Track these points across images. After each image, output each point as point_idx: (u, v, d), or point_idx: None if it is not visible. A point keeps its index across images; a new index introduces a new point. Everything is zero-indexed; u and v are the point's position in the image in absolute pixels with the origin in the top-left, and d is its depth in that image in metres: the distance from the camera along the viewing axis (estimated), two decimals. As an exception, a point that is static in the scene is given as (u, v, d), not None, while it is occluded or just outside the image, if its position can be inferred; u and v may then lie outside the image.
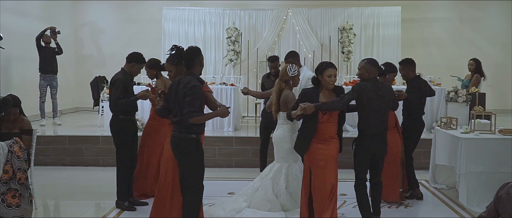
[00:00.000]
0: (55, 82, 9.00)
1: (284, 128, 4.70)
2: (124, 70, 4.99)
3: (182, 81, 3.80)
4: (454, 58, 11.30)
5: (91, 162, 7.25)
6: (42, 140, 7.09)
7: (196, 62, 3.84)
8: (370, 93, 4.09)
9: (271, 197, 4.64)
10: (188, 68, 3.85)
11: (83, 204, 5.36)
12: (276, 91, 4.62)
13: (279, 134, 4.73)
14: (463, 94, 7.69)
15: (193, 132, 3.79)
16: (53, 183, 6.27)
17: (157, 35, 11.28)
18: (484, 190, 5.10)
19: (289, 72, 4.56)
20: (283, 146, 4.70)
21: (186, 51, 3.88)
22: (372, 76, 4.19)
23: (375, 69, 4.22)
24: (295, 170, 4.73)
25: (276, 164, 4.81)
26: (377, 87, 4.16)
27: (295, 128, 4.63)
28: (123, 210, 4.99)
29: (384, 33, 11.26)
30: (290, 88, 4.62)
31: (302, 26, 11.06)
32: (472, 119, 5.59)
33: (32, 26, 9.61)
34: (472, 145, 5.15)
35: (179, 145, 3.82)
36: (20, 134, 4.58)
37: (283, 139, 4.68)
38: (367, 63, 4.22)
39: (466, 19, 11.90)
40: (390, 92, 4.32)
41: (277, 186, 4.69)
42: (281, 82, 4.60)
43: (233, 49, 10.60)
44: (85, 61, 12.14)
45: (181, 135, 3.79)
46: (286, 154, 4.72)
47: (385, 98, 4.19)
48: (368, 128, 4.14)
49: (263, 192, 4.71)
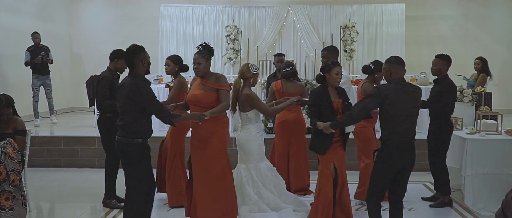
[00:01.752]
0: (48, 81, 9.02)
1: (248, 129, 4.61)
2: (110, 69, 5.11)
3: (126, 84, 3.78)
4: (459, 57, 11.21)
5: (87, 163, 7.25)
6: (36, 141, 7.09)
7: (138, 62, 3.79)
8: (393, 96, 3.72)
9: (254, 198, 4.54)
10: (131, 69, 3.81)
11: (78, 206, 5.37)
12: (234, 90, 4.57)
13: (244, 136, 4.62)
14: (469, 94, 7.68)
15: (139, 136, 3.80)
16: (47, 185, 6.28)
17: (154, 34, 11.28)
18: (490, 192, 5.10)
19: (252, 69, 4.55)
20: (249, 147, 4.61)
21: (125, 52, 3.84)
22: (397, 76, 3.83)
23: (400, 68, 3.85)
24: (264, 169, 4.66)
25: (240, 166, 4.70)
26: (403, 88, 3.79)
27: (261, 128, 4.68)
28: (111, 208, 5.12)
29: (388, 31, 11.28)
30: (249, 87, 4.59)
31: (303, 24, 11.06)
32: (478, 119, 5.59)
33: (27, 25, 9.63)
34: (478, 146, 5.15)
35: (124, 150, 3.82)
36: (13, 134, 4.58)
37: (249, 140, 4.60)
38: (388, 63, 3.88)
39: (472, 16, 11.89)
40: (418, 94, 3.92)
41: (255, 188, 4.58)
42: (240, 80, 4.56)
43: (233, 47, 10.61)
44: (81, 60, 12.15)
45: (127, 140, 3.78)
46: (253, 155, 4.63)
47: (413, 101, 3.82)
48: (394, 136, 3.75)
49: (246, 198, 4.56)
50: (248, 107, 4.54)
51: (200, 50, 4.24)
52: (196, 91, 4.25)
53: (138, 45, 3.87)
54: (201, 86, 4.25)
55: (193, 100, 4.25)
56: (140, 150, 3.82)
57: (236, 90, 4.57)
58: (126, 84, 3.78)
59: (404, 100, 3.74)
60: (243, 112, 4.59)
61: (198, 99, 4.21)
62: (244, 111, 4.58)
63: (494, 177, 5.11)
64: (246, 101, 4.52)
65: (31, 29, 9.01)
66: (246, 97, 4.50)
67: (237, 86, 4.56)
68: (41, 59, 8.73)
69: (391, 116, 3.73)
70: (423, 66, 9.14)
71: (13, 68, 9.45)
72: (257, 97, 4.56)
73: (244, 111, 4.57)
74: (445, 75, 5.19)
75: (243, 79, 4.55)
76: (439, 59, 5.21)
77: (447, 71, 5.22)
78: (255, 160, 4.65)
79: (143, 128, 3.83)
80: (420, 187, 6.01)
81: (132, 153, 3.80)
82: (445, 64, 5.18)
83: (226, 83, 4.29)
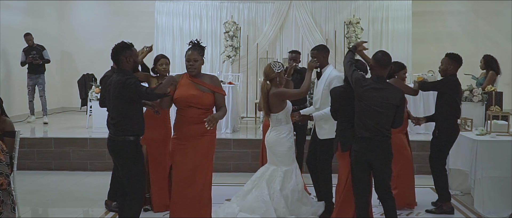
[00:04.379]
0: (41, 80, 9.34)
1: (278, 130, 4.70)
2: (113, 67, 5.05)
3: (112, 82, 3.93)
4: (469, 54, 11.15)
5: (79, 166, 7.25)
6: (25, 143, 7.09)
7: (122, 59, 3.94)
8: (367, 90, 4.04)
9: (266, 198, 4.61)
10: (117, 67, 4.01)
11: (70, 211, 5.36)
12: (263, 94, 4.65)
13: (273, 137, 4.72)
14: (479, 93, 7.69)
15: (131, 134, 3.89)
16: (37, 189, 6.28)
17: (149, 30, 11.27)
18: (501, 196, 5.10)
19: (274, 68, 4.59)
20: (279, 149, 4.70)
21: (112, 50, 4.01)
22: (376, 73, 4.11)
23: (380, 69, 4.13)
24: (291, 173, 4.74)
25: (270, 167, 4.80)
26: (376, 86, 4.05)
27: (291, 129, 4.75)
28: (110, 211, 5.10)
29: (394, 28, 11.28)
30: (276, 87, 4.64)
31: (306, 20, 11.06)
32: (488, 120, 5.59)
33: (16, 20, 9.65)
34: (488, 148, 5.15)
35: (116, 148, 3.92)
36: (1, 136, 4.57)
37: (278, 142, 4.69)
38: (372, 58, 4.22)
39: (481, 12, 11.89)
40: (393, 93, 4.08)
41: (271, 189, 4.68)
42: (266, 82, 4.64)
43: (231, 44, 10.60)
44: (72, 58, 12.14)
45: (118, 138, 3.89)
46: (282, 158, 4.72)
47: (384, 98, 4.04)
48: (362, 129, 4.06)
49: (258, 193, 4.68)
50: (279, 106, 4.60)
51: (194, 47, 4.27)
52: (193, 91, 4.21)
53: (126, 43, 4.01)
54: (196, 86, 4.23)
55: (192, 101, 4.18)
56: (133, 148, 3.91)
57: (265, 94, 4.62)
58: (112, 82, 3.92)
59: (374, 95, 3.98)
60: (274, 113, 4.66)
61: (198, 100, 4.19)
62: (274, 112, 4.64)
63: (505, 180, 5.10)
64: (277, 99, 4.59)
65: (19, 25, 9.10)
66: (274, 96, 4.58)
67: (265, 89, 4.62)
68: (31, 59, 9.07)
69: (362, 108, 4.00)
70: (430, 64, 9.12)
71: (3, 65, 9.48)
72: (284, 89, 4.63)
73: (275, 111, 4.64)
74: (452, 75, 5.11)
75: (269, 80, 4.61)
76: (447, 58, 5.14)
77: (455, 72, 5.13)
78: (284, 163, 4.71)
79: (135, 126, 3.92)
80: (428, 190, 6.01)
81: (125, 151, 3.90)
82: (452, 64, 5.09)
83: (222, 87, 4.37)
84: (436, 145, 5.18)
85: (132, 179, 3.96)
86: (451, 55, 5.18)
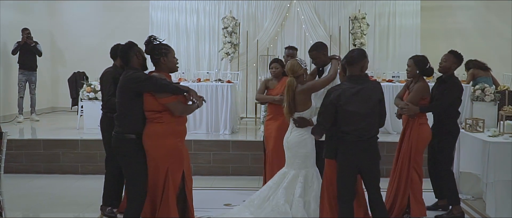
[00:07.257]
0: (34, 77, 9.58)
1: (300, 131, 4.65)
2: (115, 65, 5.13)
3: (127, 75, 4.05)
4: (480, 51, 11.25)
5: (69, 169, 7.24)
6: (13, 145, 7.07)
7: (132, 55, 4.16)
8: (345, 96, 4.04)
9: (283, 208, 4.53)
10: (126, 64, 4.19)
11: (61, 216, 5.35)
12: (289, 91, 4.57)
13: (294, 139, 4.65)
14: (491, 93, 7.68)
15: (133, 132, 4.00)
16: (26, 193, 6.27)
17: (144, 26, 11.22)
18: (514, 201, 5.10)
19: (302, 64, 4.60)
20: (300, 151, 4.65)
21: (120, 48, 4.26)
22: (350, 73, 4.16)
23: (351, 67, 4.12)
24: (312, 176, 4.69)
25: (290, 171, 4.71)
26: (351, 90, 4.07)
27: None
28: (104, 215, 5.10)
29: (402, 23, 11.27)
30: (301, 83, 4.62)
31: (308, 16, 11.05)
32: (501, 120, 5.58)
33: (5, 16, 9.64)
34: (501, 150, 5.13)
35: (118, 146, 4.07)
36: (-12, 137, 4.57)
37: (300, 143, 4.63)
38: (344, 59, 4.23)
39: (493, 7, 11.86)
40: (373, 91, 4.14)
41: (291, 196, 4.61)
42: (293, 80, 4.57)
43: (230, 41, 10.59)
44: (62, 55, 12.13)
45: (121, 136, 4.02)
46: (303, 160, 4.67)
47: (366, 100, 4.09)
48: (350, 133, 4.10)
49: (274, 203, 4.60)
50: (305, 104, 4.58)
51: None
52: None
53: (126, 43, 4.25)
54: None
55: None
56: (134, 146, 3.99)
57: (292, 92, 4.56)
58: (124, 77, 4.05)
59: (354, 100, 4.00)
60: (299, 112, 4.62)
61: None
62: (300, 111, 4.61)
63: (519, 184, 5.11)
64: (305, 95, 4.58)
65: (8, 21, 9.13)
66: (303, 92, 4.56)
67: (293, 87, 4.56)
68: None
69: (347, 113, 4.00)
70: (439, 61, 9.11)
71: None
72: (311, 82, 4.66)
73: (301, 110, 4.61)
74: (452, 74, 5.17)
75: (296, 77, 4.59)
76: (453, 56, 5.16)
77: (454, 71, 5.20)
78: (305, 166, 4.66)
79: (138, 125, 4.00)
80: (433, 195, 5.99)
81: (126, 149, 4.01)
82: (456, 63, 5.15)
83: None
84: (440, 145, 5.14)
85: (132, 178, 4.05)
86: (457, 53, 5.20)
